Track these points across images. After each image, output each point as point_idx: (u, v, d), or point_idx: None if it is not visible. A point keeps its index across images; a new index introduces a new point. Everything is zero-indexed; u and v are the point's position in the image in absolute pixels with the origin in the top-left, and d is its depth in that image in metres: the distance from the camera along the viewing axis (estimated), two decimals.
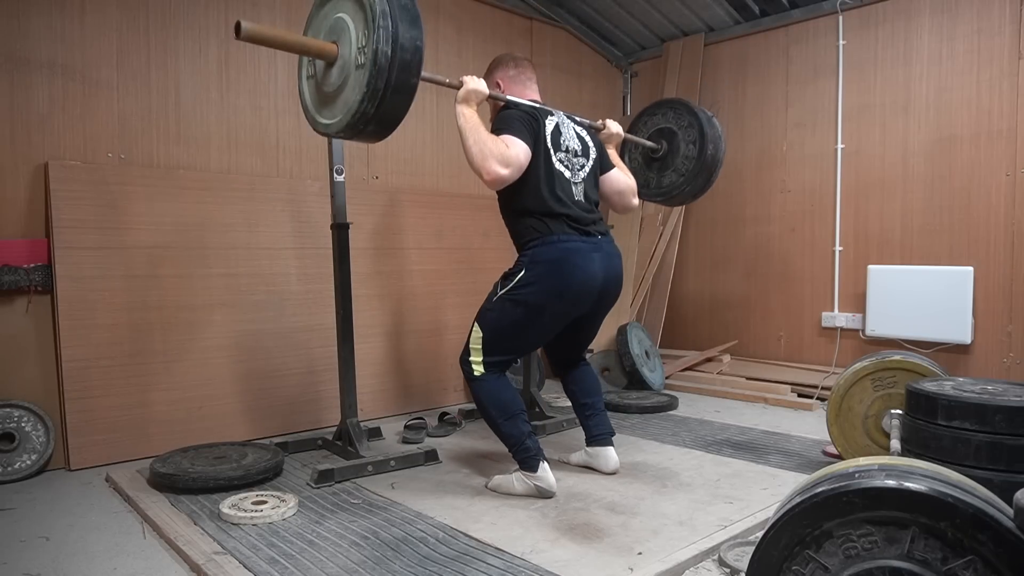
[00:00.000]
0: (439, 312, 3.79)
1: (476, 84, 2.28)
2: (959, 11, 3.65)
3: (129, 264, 2.80)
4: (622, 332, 4.10)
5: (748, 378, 4.12)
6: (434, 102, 3.98)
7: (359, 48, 1.87)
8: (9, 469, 2.53)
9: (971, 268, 3.54)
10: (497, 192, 2.37)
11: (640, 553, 1.85)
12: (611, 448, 2.58)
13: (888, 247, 3.92)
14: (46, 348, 2.70)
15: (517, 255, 2.40)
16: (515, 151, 2.20)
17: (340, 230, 2.66)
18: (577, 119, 2.56)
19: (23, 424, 2.60)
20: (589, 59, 4.99)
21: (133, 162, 2.94)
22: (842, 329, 4.09)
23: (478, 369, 2.36)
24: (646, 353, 4.18)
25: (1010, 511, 1.06)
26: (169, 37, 3.02)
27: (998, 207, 3.55)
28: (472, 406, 3.56)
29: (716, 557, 1.86)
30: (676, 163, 3.10)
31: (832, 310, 4.14)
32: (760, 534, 1.22)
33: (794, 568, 1.16)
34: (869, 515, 1.10)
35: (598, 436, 2.60)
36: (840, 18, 4.06)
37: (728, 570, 1.78)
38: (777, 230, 4.41)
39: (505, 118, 2.31)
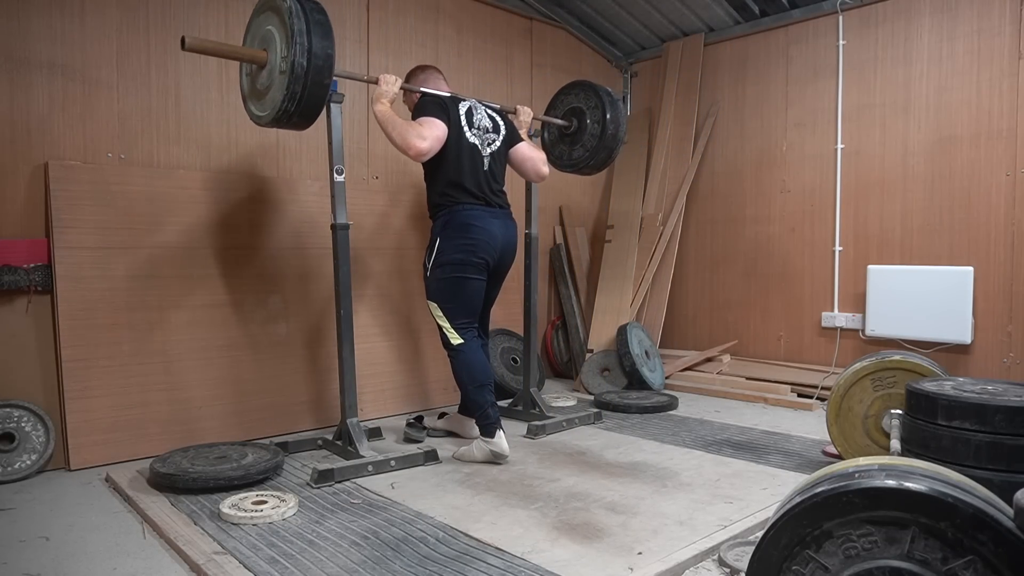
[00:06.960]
0: None
1: (387, 86, 2.65)
2: (959, 11, 3.65)
3: (129, 264, 2.80)
4: (622, 332, 4.10)
5: (748, 378, 4.12)
6: None
7: (282, 58, 2.27)
8: (9, 469, 2.53)
9: (971, 268, 3.54)
10: (423, 166, 2.76)
11: (640, 553, 1.85)
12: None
13: (888, 247, 3.92)
14: (46, 348, 2.70)
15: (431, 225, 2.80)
16: (430, 126, 2.60)
17: (340, 230, 2.66)
18: (487, 104, 2.95)
19: (23, 424, 2.60)
20: (589, 59, 4.99)
21: (133, 162, 2.94)
22: (842, 329, 4.09)
23: (454, 338, 2.71)
24: (646, 353, 4.18)
25: (1010, 511, 1.06)
26: (169, 37, 3.02)
27: (998, 207, 3.55)
28: None
29: (716, 557, 1.86)
30: (584, 139, 3.45)
31: (832, 310, 4.14)
32: (760, 534, 1.22)
33: (794, 568, 1.16)
34: (869, 515, 1.10)
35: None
36: (840, 18, 4.06)
37: (728, 570, 1.78)
38: (777, 230, 4.41)
39: (421, 105, 2.73)
